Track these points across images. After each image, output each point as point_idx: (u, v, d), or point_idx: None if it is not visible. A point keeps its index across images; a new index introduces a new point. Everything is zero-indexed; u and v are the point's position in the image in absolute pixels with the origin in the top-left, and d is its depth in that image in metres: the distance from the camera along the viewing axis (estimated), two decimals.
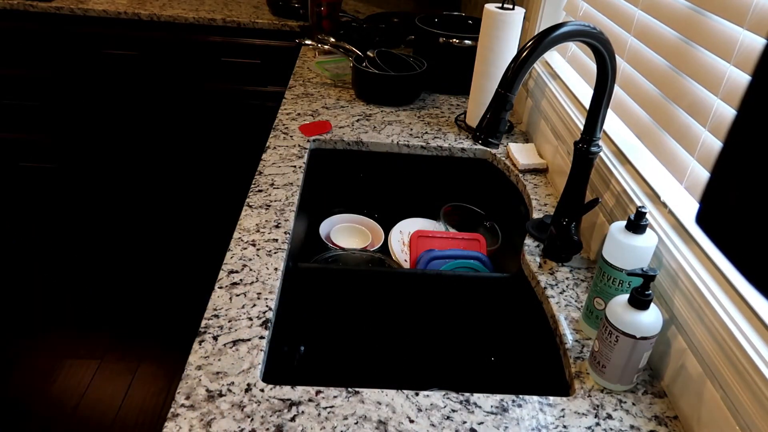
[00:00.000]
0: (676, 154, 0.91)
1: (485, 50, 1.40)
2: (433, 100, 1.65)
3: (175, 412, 0.73)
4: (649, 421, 0.77)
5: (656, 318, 0.76)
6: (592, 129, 0.97)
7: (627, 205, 0.95)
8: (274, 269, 0.98)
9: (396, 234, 1.33)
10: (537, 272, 1.02)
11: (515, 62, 0.84)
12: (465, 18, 1.84)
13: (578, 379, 0.82)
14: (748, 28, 0.75)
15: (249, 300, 0.91)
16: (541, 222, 1.14)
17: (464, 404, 0.77)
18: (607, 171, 1.02)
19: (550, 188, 1.27)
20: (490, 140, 0.87)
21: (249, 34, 2.33)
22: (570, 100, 1.25)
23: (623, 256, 0.83)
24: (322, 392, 0.77)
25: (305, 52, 1.96)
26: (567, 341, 0.88)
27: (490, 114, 0.86)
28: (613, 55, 0.90)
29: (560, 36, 0.85)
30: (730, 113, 0.78)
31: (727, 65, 0.79)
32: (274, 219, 1.11)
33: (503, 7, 1.37)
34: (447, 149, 1.41)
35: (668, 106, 0.93)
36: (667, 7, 0.95)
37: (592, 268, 1.04)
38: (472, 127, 1.48)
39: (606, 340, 0.78)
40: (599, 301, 0.87)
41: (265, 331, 0.85)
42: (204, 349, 0.82)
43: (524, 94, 1.53)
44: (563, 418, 0.76)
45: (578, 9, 1.32)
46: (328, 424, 0.73)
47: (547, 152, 1.33)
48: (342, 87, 1.70)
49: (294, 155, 1.32)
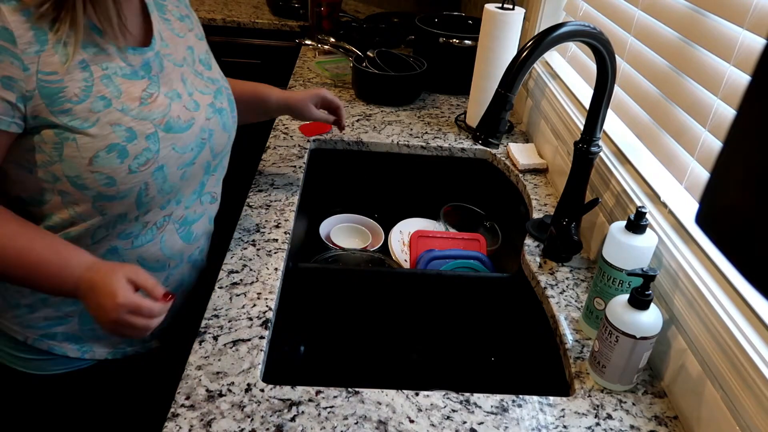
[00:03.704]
0: (676, 154, 0.91)
1: (485, 50, 1.40)
2: (433, 100, 1.65)
3: (175, 412, 0.73)
4: (649, 421, 0.77)
5: (656, 318, 0.76)
6: (592, 129, 0.97)
7: (627, 205, 0.95)
8: (274, 269, 0.98)
9: (396, 234, 1.33)
10: (537, 272, 1.02)
11: (515, 62, 0.84)
12: (465, 18, 1.84)
13: (578, 379, 0.82)
14: (748, 28, 0.75)
15: (249, 300, 0.91)
16: (541, 222, 1.14)
17: (464, 404, 0.77)
18: (607, 171, 1.02)
19: (550, 188, 1.27)
20: (490, 140, 0.87)
21: (249, 34, 2.32)
22: (570, 100, 1.25)
23: (623, 256, 0.83)
24: (322, 392, 0.77)
25: (305, 52, 1.96)
26: (567, 341, 0.88)
27: (490, 114, 0.86)
28: (613, 55, 0.90)
29: (560, 36, 0.85)
30: (730, 113, 0.78)
31: (727, 65, 0.79)
32: (274, 219, 1.11)
33: (503, 7, 1.37)
34: (447, 149, 1.41)
35: (668, 106, 0.93)
36: (667, 7, 0.95)
37: (592, 268, 1.04)
38: (472, 127, 1.48)
39: (606, 340, 0.78)
40: (599, 301, 0.87)
41: (265, 331, 0.85)
42: (204, 349, 0.82)
43: (524, 94, 1.53)
44: (563, 418, 0.76)
45: (578, 9, 1.32)
46: (328, 424, 0.73)
47: (547, 152, 1.33)
48: (342, 87, 1.70)
49: (294, 155, 1.32)
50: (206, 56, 0.95)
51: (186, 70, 0.88)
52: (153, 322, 0.75)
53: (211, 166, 0.94)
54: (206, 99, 0.90)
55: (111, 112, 0.76)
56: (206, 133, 0.88)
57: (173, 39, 0.88)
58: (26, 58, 0.70)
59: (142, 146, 0.78)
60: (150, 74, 0.82)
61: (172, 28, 0.89)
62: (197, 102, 0.88)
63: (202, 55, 0.94)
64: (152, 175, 0.80)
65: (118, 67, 0.78)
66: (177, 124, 0.83)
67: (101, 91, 0.75)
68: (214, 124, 0.90)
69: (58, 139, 0.74)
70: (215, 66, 0.97)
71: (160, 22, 0.87)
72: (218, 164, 0.96)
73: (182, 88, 0.86)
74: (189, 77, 0.88)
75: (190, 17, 0.95)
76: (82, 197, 0.78)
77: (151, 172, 0.80)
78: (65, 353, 0.90)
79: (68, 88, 0.73)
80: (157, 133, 0.80)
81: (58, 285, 0.76)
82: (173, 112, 0.83)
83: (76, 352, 0.91)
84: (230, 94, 0.97)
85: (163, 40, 0.86)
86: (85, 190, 0.77)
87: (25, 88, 0.70)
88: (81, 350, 0.92)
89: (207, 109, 0.89)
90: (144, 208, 0.83)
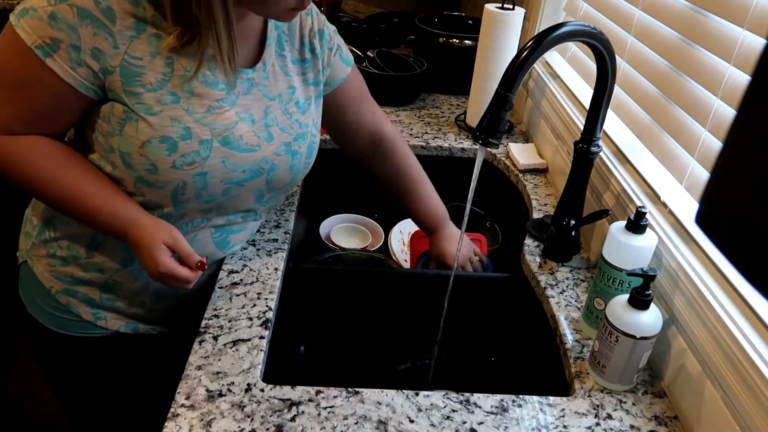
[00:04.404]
0: (676, 154, 0.91)
1: (485, 50, 1.40)
2: (433, 100, 1.65)
3: (175, 412, 0.73)
4: (649, 421, 0.77)
5: (656, 318, 0.76)
6: (592, 129, 0.97)
7: (627, 205, 0.95)
8: (274, 269, 0.98)
9: (396, 234, 1.33)
10: (537, 272, 1.02)
11: (515, 62, 0.84)
12: (465, 18, 1.84)
13: (578, 379, 0.82)
14: (748, 28, 0.75)
15: (249, 300, 0.91)
16: (541, 222, 1.14)
17: (464, 404, 0.77)
18: (607, 171, 1.02)
19: (550, 188, 1.27)
20: (490, 140, 0.86)
21: None
22: (570, 100, 1.25)
23: (623, 256, 0.83)
24: (322, 392, 0.77)
25: None
26: (567, 341, 0.88)
27: (490, 114, 0.86)
28: (613, 55, 0.90)
29: (560, 36, 0.85)
30: (730, 113, 0.78)
31: (727, 65, 0.79)
32: (274, 219, 1.11)
33: (503, 7, 1.37)
34: (447, 149, 1.41)
35: (668, 106, 0.93)
36: (667, 7, 0.95)
37: (592, 268, 1.04)
38: (472, 127, 1.48)
39: (606, 340, 0.78)
40: (599, 301, 0.87)
41: (265, 331, 0.85)
42: (204, 349, 0.82)
43: (524, 94, 1.53)
44: (563, 418, 0.76)
45: (578, 9, 1.32)
46: (328, 424, 0.73)
47: (547, 152, 1.33)
48: None
49: None
50: (306, 102, 0.95)
51: (275, 104, 0.90)
52: (188, 285, 0.85)
53: (265, 197, 0.96)
54: (284, 137, 0.91)
55: (175, 109, 0.80)
56: (268, 164, 0.90)
57: (278, 74, 0.91)
58: (120, 38, 0.76)
59: (192, 147, 0.81)
60: (231, 90, 0.84)
61: (283, 65, 0.92)
62: (272, 134, 0.90)
63: (301, 99, 0.94)
64: (193, 177, 0.83)
65: (202, 73, 0.81)
66: (237, 143, 0.85)
67: (175, 87, 0.80)
68: (281, 161, 0.92)
69: (124, 116, 0.79)
70: (312, 114, 0.97)
71: (272, 56, 0.90)
72: (273, 198, 0.98)
73: (260, 116, 0.88)
74: (275, 112, 0.90)
75: (310, 62, 0.95)
76: (126, 175, 0.83)
77: (192, 174, 0.83)
78: (80, 314, 0.96)
79: (146, 75, 0.78)
80: (211, 141, 0.83)
81: (108, 230, 0.85)
82: (238, 131, 0.85)
83: (90, 315, 0.97)
84: (314, 143, 0.98)
85: (266, 71, 0.89)
86: (130, 170, 0.82)
87: (110, 63, 0.76)
88: (96, 315, 0.97)
89: (280, 146, 0.91)
90: (181, 208, 0.87)
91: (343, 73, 1.03)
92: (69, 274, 0.94)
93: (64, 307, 0.96)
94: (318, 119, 1.00)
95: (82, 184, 0.82)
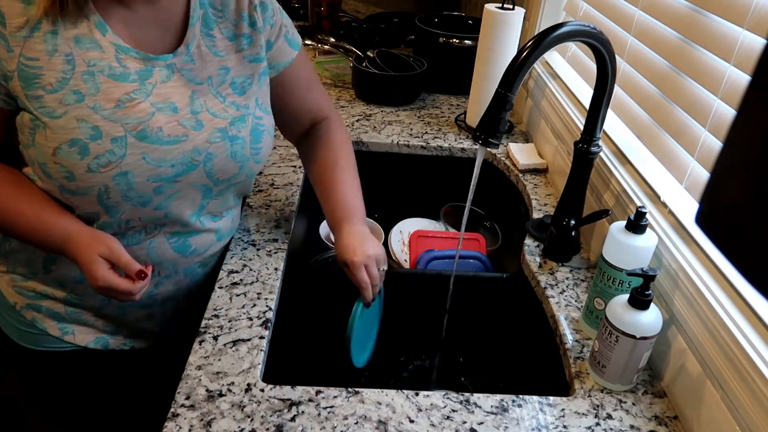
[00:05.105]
0: (676, 154, 0.91)
1: (485, 50, 1.40)
2: (433, 100, 1.65)
3: (175, 412, 0.73)
4: (649, 421, 0.77)
5: (656, 318, 0.76)
6: (592, 129, 0.97)
7: (627, 205, 0.95)
8: (274, 269, 0.98)
9: (396, 234, 1.33)
10: (537, 272, 1.02)
11: (515, 62, 0.84)
12: (465, 18, 1.84)
13: (578, 379, 0.82)
14: (748, 28, 0.75)
15: (249, 300, 0.91)
16: (541, 222, 1.14)
17: (464, 404, 0.77)
18: (607, 171, 1.02)
19: (550, 188, 1.27)
20: (490, 140, 0.86)
21: None
22: (570, 100, 1.25)
23: (623, 256, 0.83)
24: (322, 392, 0.77)
25: None
26: (567, 341, 0.88)
27: (490, 114, 0.86)
28: (613, 55, 0.90)
29: (560, 36, 0.85)
30: (730, 113, 0.78)
31: (727, 65, 0.79)
32: (274, 219, 1.11)
33: (503, 7, 1.36)
34: (447, 149, 1.41)
35: (668, 106, 0.93)
36: (667, 7, 0.95)
37: (592, 268, 1.04)
38: (472, 127, 1.47)
39: (606, 340, 0.78)
40: (599, 301, 0.87)
41: (265, 331, 0.85)
42: (204, 349, 0.82)
43: (524, 94, 1.53)
44: (563, 418, 0.76)
45: (578, 9, 1.32)
46: (328, 424, 0.73)
47: (547, 152, 1.33)
48: (342, 87, 1.70)
49: (294, 155, 1.32)
50: (245, 81, 0.88)
51: (204, 88, 0.83)
52: (133, 297, 0.80)
53: (213, 190, 0.89)
54: (217, 122, 0.84)
55: (80, 108, 0.75)
56: (201, 155, 0.83)
57: (205, 56, 0.84)
58: (12, 40, 0.72)
59: (105, 147, 0.76)
60: (144, 81, 0.78)
61: (212, 45, 0.85)
62: (201, 121, 0.83)
63: (238, 79, 0.87)
64: (113, 178, 0.77)
65: (108, 66, 0.76)
66: (156, 136, 0.79)
67: (78, 85, 0.75)
68: (217, 149, 0.84)
69: (32, 125, 0.75)
70: (255, 93, 0.89)
71: (197, 37, 0.83)
72: (225, 190, 0.91)
73: (185, 103, 0.81)
74: (203, 97, 0.83)
75: (250, 38, 0.88)
76: (51, 186, 0.79)
77: (111, 175, 0.77)
78: (46, 329, 0.93)
79: (45, 76, 0.74)
80: (126, 138, 0.77)
81: (47, 248, 0.83)
82: (155, 123, 0.79)
83: (57, 330, 0.94)
84: (260, 126, 0.89)
85: (189, 54, 0.82)
86: (51, 179, 0.78)
87: (7, 68, 0.73)
88: (63, 330, 0.94)
89: (213, 132, 0.84)
90: (115, 214, 0.82)
91: (289, 56, 0.94)
92: (31, 288, 0.91)
93: (30, 322, 0.93)
94: (265, 99, 0.92)
95: (10, 202, 0.79)
